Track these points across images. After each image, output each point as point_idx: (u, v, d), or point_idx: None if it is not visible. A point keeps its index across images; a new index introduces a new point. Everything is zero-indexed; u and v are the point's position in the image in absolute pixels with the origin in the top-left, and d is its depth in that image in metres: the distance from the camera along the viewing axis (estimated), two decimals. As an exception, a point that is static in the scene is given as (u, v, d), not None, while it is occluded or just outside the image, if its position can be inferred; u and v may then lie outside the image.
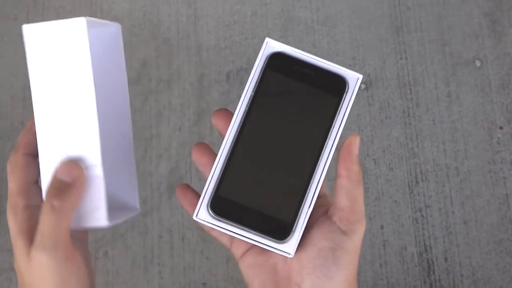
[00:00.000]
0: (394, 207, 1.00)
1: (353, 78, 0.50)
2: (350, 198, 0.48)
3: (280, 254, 0.50)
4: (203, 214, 0.51)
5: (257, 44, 1.07)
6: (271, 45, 0.52)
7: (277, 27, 1.08)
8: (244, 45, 1.08)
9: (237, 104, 0.51)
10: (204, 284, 0.96)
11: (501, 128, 1.03)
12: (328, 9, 1.09)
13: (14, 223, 0.49)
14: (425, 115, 1.04)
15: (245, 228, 0.50)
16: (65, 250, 0.47)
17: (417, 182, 1.01)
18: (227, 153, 0.51)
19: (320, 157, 0.51)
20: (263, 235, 0.50)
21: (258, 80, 0.51)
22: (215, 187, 0.51)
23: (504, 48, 1.06)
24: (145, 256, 0.97)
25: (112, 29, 0.56)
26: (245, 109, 0.51)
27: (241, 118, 0.51)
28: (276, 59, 0.51)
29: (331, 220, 0.49)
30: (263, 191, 0.51)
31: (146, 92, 1.05)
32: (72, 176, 0.47)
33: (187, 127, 1.04)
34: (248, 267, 0.53)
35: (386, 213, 1.00)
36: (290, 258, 0.50)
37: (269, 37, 0.49)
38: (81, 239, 0.56)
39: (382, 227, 0.99)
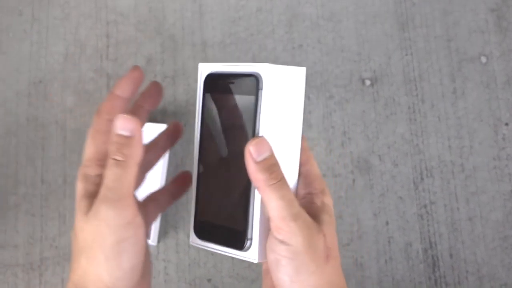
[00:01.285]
0: (399, 203, 1.00)
1: (267, 72, 0.50)
2: (273, 207, 0.47)
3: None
4: (194, 239, 0.54)
5: (262, 40, 1.07)
6: (205, 69, 0.54)
7: (282, 23, 1.08)
8: (249, 41, 1.07)
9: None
10: (209, 280, 0.97)
11: (506, 124, 1.03)
12: (333, 4, 1.08)
13: (81, 187, 0.48)
14: (430, 111, 1.04)
15: (218, 245, 0.52)
16: (127, 206, 0.46)
17: (422, 179, 1.01)
18: (196, 179, 0.54)
19: None
20: (231, 248, 0.51)
21: (201, 106, 0.54)
22: (195, 212, 0.54)
23: (510, 44, 1.06)
24: (150, 252, 0.97)
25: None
26: (198, 136, 0.54)
27: (198, 145, 0.54)
28: (208, 80, 0.53)
29: (271, 232, 0.48)
30: (222, 207, 0.52)
31: (151, 88, 1.05)
32: (130, 129, 0.46)
33: (192, 123, 1.04)
34: (265, 274, 0.53)
35: (391, 210, 0.99)
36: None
37: (274, 33, 0.49)
38: (148, 212, 0.56)
39: (387, 223, 0.99)
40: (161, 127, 0.88)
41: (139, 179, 0.55)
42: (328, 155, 1.01)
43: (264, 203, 0.47)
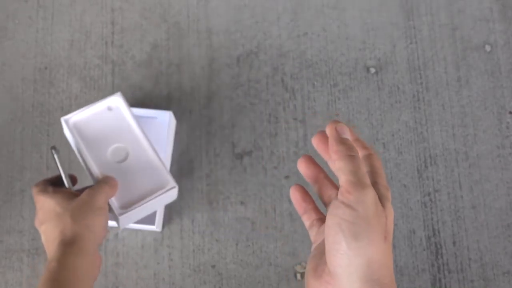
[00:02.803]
0: (403, 191, 1.00)
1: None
2: (346, 172, 0.49)
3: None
4: None
5: (267, 28, 1.07)
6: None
7: (287, 11, 1.08)
8: (254, 28, 1.08)
9: (247, 88, 0.55)
10: (213, 266, 0.97)
11: (510, 113, 1.03)
12: (338, -7, 1.09)
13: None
14: (434, 99, 1.04)
15: None
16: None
17: (426, 167, 1.01)
18: None
19: None
20: None
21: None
22: None
23: (515, 33, 1.06)
24: (155, 238, 0.98)
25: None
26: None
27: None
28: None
29: (336, 199, 0.50)
30: None
31: (157, 75, 1.06)
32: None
33: (198, 110, 1.04)
34: (311, 257, 0.55)
35: (395, 197, 1.00)
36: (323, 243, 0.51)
37: (280, 20, 0.50)
38: None
39: (391, 210, 0.99)
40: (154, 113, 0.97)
41: None
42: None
43: (340, 171, 0.50)
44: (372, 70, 1.05)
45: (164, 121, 0.99)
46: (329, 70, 1.05)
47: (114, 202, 0.83)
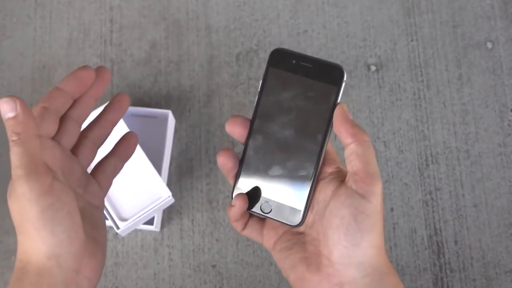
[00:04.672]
0: (404, 189, 1.00)
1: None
2: (363, 160, 0.49)
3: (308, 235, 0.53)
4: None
5: (267, 25, 1.07)
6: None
7: (287, 8, 1.07)
8: (254, 26, 1.07)
9: (246, 86, 0.55)
10: (213, 266, 0.97)
11: (512, 110, 1.03)
12: (338, -10, 1.08)
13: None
14: (435, 97, 1.03)
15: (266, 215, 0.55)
16: (39, 175, 0.48)
17: (427, 165, 1.01)
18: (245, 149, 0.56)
19: (323, 148, 0.54)
20: (284, 221, 0.55)
21: (263, 78, 0.55)
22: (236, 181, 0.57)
23: (517, 30, 1.05)
24: (155, 238, 0.97)
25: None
26: (255, 108, 0.55)
27: (253, 117, 0.56)
28: (277, 56, 0.55)
29: (347, 187, 0.49)
30: (277, 182, 0.55)
31: (156, 73, 1.05)
32: (12, 108, 0.48)
33: (197, 108, 1.03)
34: (279, 252, 0.54)
35: (396, 196, 0.99)
36: (317, 233, 0.51)
37: (279, 18, 0.51)
38: (99, 180, 0.59)
39: (392, 209, 0.99)
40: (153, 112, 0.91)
41: (90, 155, 0.58)
42: (333, 142, 1.01)
43: (356, 155, 0.49)
44: (373, 68, 1.05)
45: (163, 120, 0.99)
46: (330, 68, 1.05)
47: (113, 214, 0.87)
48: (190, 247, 0.98)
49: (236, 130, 0.54)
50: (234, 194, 0.56)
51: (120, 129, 0.88)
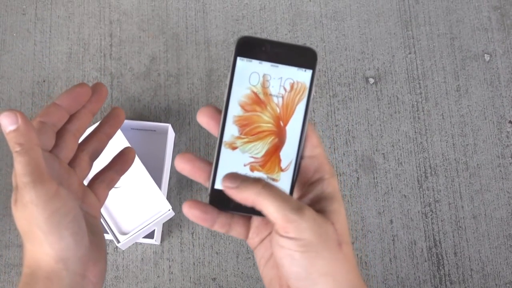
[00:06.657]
0: (404, 201, 1.00)
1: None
2: (269, 211, 0.47)
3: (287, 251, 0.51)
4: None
5: (265, 38, 1.07)
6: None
7: (285, 22, 1.08)
8: (252, 39, 1.07)
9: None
10: (214, 279, 0.97)
11: (510, 122, 1.03)
12: (336, 3, 1.08)
13: (13, 184, 0.52)
14: (434, 109, 1.04)
15: (241, 212, 0.52)
16: (44, 182, 0.49)
17: (426, 177, 1.01)
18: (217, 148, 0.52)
19: (302, 135, 0.51)
20: (257, 215, 0.50)
21: (231, 70, 0.51)
22: (213, 181, 0.54)
23: (514, 42, 1.06)
24: (155, 251, 0.97)
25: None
26: (226, 99, 0.51)
27: (224, 110, 0.51)
28: (243, 44, 0.51)
29: (276, 234, 0.48)
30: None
31: (155, 86, 1.05)
32: (13, 122, 0.49)
33: (196, 121, 1.04)
34: (260, 258, 0.53)
35: (396, 208, 0.99)
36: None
37: (278, 31, 0.49)
38: (97, 191, 0.59)
39: (391, 221, 0.99)
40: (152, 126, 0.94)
41: (86, 167, 0.59)
42: (332, 154, 1.01)
43: (263, 211, 0.47)
44: (371, 80, 1.05)
45: (163, 133, 0.99)
46: (328, 81, 1.05)
47: (113, 228, 0.88)
48: (190, 260, 0.98)
49: (205, 120, 0.52)
50: (209, 193, 0.54)
51: (119, 142, 0.88)
